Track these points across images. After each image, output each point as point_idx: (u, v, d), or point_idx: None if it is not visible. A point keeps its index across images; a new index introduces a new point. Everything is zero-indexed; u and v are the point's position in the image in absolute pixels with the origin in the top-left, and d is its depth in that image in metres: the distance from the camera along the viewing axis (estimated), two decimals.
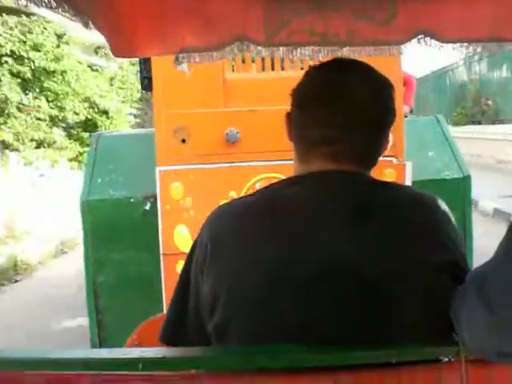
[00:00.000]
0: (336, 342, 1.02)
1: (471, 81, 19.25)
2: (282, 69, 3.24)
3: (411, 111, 4.62)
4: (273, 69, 3.22)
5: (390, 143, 1.29)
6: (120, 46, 1.55)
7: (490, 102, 17.19)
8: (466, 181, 3.47)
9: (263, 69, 3.23)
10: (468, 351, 1.02)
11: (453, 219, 1.21)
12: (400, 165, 3.14)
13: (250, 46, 1.51)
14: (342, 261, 1.07)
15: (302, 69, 3.09)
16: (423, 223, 1.15)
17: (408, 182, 3.15)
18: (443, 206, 1.21)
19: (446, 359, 1.02)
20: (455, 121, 18.36)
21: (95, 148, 3.55)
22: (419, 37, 1.51)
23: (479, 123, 17.31)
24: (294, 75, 3.22)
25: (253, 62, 3.26)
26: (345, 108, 1.17)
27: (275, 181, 1.25)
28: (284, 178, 1.26)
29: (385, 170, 3.13)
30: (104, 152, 3.54)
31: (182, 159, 3.04)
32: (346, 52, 1.54)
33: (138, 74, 4.24)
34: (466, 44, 1.65)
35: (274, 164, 2.94)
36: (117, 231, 3.34)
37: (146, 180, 3.20)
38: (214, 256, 1.14)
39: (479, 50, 1.79)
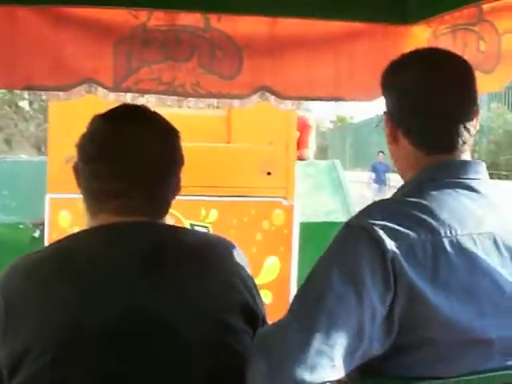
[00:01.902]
0: None
1: None
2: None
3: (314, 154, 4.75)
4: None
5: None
6: None
7: None
8: None
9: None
10: None
11: (245, 262, 1.24)
12: (288, 206, 3.23)
13: (97, 89, 1.57)
14: (140, 311, 1.09)
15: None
16: (215, 266, 1.18)
17: (296, 223, 3.24)
18: (235, 249, 1.24)
19: None
20: None
21: None
22: (260, 92, 1.61)
23: None
24: (196, 113, 3.31)
25: None
26: (128, 162, 1.18)
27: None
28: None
29: (274, 211, 3.22)
30: (0, 177, 3.53)
31: (72, 188, 3.04)
32: (191, 102, 1.62)
33: None
34: None
35: None
36: (3, 257, 3.28)
37: (38, 207, 3.19)
38: (10, 317, 1.11)
39: None
